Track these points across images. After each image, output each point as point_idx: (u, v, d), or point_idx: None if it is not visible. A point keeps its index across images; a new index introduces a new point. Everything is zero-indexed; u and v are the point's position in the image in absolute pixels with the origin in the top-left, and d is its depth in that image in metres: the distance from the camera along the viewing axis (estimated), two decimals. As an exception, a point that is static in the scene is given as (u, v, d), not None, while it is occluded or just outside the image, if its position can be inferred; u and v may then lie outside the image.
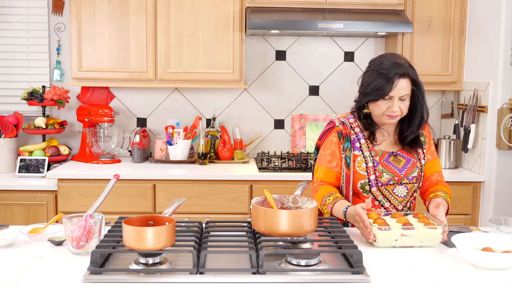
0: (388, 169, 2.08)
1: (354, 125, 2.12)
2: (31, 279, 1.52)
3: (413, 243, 1.84)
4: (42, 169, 3.38)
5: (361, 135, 2.11)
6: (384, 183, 2.07)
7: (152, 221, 1.66)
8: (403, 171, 2.09)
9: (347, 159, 2.08)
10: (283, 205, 1.88)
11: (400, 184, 2.09)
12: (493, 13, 3.23)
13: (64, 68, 3.80)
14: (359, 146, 2.09)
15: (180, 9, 3.43)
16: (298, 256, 1.59)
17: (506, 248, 1.71)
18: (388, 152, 2.10)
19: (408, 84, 2.00)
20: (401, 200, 2.12)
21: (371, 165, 2.06)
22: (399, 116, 2.03)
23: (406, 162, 2.10)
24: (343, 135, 2.10)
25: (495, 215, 3.22)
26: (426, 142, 2.18)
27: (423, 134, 2.18)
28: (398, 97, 1.99)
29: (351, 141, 2.09)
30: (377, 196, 2.09)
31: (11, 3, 3.69)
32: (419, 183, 2.13)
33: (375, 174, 2.06)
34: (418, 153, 2.14)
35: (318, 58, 3.87)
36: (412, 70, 2.03)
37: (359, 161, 2.07)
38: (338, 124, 2.13)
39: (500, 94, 3.20)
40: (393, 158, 2.10)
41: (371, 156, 2.08)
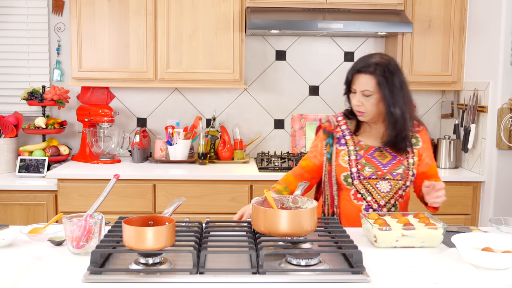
0: (371, 163, 2.10)
1: (342, 123, 2.19)
2: (31, 279, 1.52)
3: (414, 243, 1.84)
4: (42, 169, 3.38)
5: (347, 132, 2.17)
6: (366, 176, 2.10)
7: (152, 221, 1.66)
8: (386, 167, 2.10)
9: (328, 155, 2.14)
10: (283, 205, 1.88)
11: (384, 179, 2.11)
12: (493, 13, 3.23)
13: (64, 68, 3.80)
14: (345, 142, 2.15)
15: (180, 9, 3.43)
16: (298, 256, 1.59)
17: (506, 248, 1.71)
18: (374, 147, 2.13)
19: (370, 81, 2.01)
20: (383, 195, 2.13)
21: (354, 158, 2.11)
22: (366, 113, 2.05)
23: (391, 159, 2.12)
24: (326, 131, 2.18)
25: (495, 215, 3.22)
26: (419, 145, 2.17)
27: (416, 136, 2.18)
28: (360, 91, 2.03)
29: (336, 137, 2.16)
30: (360, 189, 2.12)
31: (11, 3, 3.69)
32: (405, 181, 2.13)
33: (357, 167, 2.09)
34: (407, 152, 2.14)
35: (318, 58, 3.87)
36: (380, 69, 2.00)
37: (342, 154, 2.13)
38: (324, 121, 2.23)
39: (500, 94, 3.20)
40: (379, 154, 2.12)
41: (355, 150, 2.12)
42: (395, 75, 2.02)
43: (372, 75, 2.01)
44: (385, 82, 2.00)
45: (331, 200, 2.18)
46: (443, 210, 3.34)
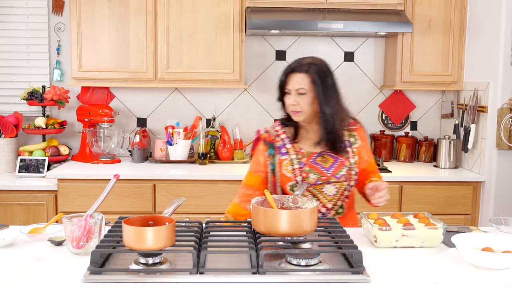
0: (314, 169, 2.10)
1: (280, 132, 2.17)
2: (31, 279, 1.52)
3: (414, 243, 1.84)
4: (42, 169, 3.38)
5: (287, 140, 2.15)
6: (312, 183, 2.09)
7: (152, 221, 1.66)
8: (330, 170, 2.10)
9: (271, 166, 2.13)
10: (283, 205, 1.88)
11: (329, 183, 2.11)
12: (493, 13, 3.23)
13: (64, 68, 3.80)
14: (286, 151, 2.13)
15: (180, 9, 3.43)
16: (298, 256, 1.59)
17: (506, 248, 1.71)
18: (316, 153, 2.13)
19: (305, 79, 2.03)
20: (330, 198, 2.13)
21: (297, 167, 2.10)
22: (302, 113, 2.05)
23: (333, 162, 2.12)
24: (267, 142, 2.15)
25: (495, 215, 3.22)
26: (357, 143, 2.18)
27: (354, 135, 2.19)
28: (295, 90, 2.04)
29: (277, 147, 2.14)
30: (306, 196, 2.11)
31: (11, 3, 3.69)
32: (349, 181, 2.13)
33: (302, 175, 2.09)
34: (347, 152, 2.15)
35: (318, 58, 3.86)
36: (313, 68, 2.05)
37: (285, 164, 2.11)
38: (263, 132, 2.19)
39: (500, 94, 3.20)
40: (321, 159, 2.12)
41: (298, 158, 2.11)
42: (327, 75, 2.07)
43: (307, 73, 2.04)
44: (319, 80, 2.03)
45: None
46: (443, 210, 3.36)
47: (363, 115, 3.93)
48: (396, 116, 3.94)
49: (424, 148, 3.82)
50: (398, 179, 3.34)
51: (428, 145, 3.82)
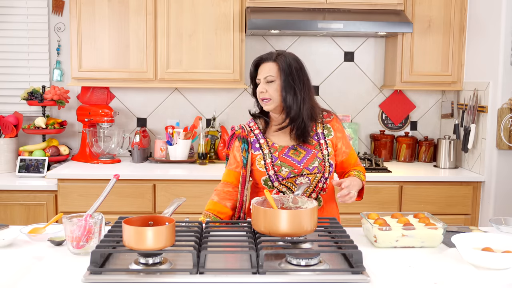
0: (287, 163, 2.11)
1: (254, 128, 2.20)
2: (31, 279, 1.52)
3: (414, 243, 1.84)
4: (42, 169, 3.38)
5: (261, 135, 2.18)
6: (285, 176, 2.10)
7: (152, 221, 1.66)
8: (302, 163, 2.11)
9: (244, 160, 2.16)
10: (283, 205, 1.88)
11: (301, 175, 2.11)
12: (493, 13, 3.23)
13: (64, 68, 3.80)
14: (259, 146, 2.16)
15: (180, 9, 3.43)
16: (298, 256, 1.59)
17: (506, 248, 1.71)
18: (288, 147, 2.14)
19: (273, 68, 2.08)
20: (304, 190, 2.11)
21: (269, 161, 2.12)
22: (271, 101, 2.07)
23: (306, 154, 2.13)
24: (241, 138, 2.19)
25: (495, 215, 3.22)
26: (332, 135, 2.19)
27: (328, 127, 2.19)
28: (263, 78, 2.09)
29: (250, 142, 2.17)
30: (281, 189, 2.12)
31: (11, 3, 3.69)
32: (322, 173, 2.13)
33: (274, 169, 2.10)
34: (321, 144, 2.15)
35: (318, 58, 3.87)
36: (282, 58, 2.09)
37: (258, 159, 2.14)
38: (237, 129, 2.24)
39: (500, 94, 3.20)
40: (293, 152, 2.14)
41: (270, 153, 2.13)
42: (297, 65, 2.11)
43: (275, 62, 2.09)
44: (287, 69, 2.07)
45: (240, 203, 2.18)
46: (443, 210, 3.36)
47: (363, 115, 3.93)
48: (396, 116, 3.94)
49: (424, 148, 3.82)
50: (398, 179, 3.34)
51: (428, 145, 3.82)
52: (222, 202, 2.17)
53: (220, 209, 2.16)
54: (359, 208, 3.28)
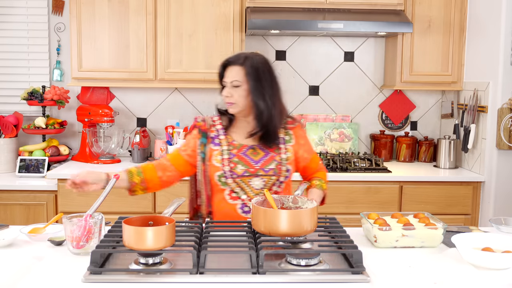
0: (243, 161, 2.10)
1: (217, 122, 2.19)
2: (31, 279, 1.52)
3: (414, 243, 1.84)
4: (42, 169, 3.38)
5: (222, 131, 2.17)
6: (239, 174, 2.09)
7: (152, 221, 1.66)
8: (258, 163, 2.10)
9: (202, 155, 2.14)
10: (283, 205, 1.88)
11: (256, 176, 2.10)
12: (493, 13, 3.23)
13: (64, 68, 3.80)
14: (219, 142, 2.14)
15: (180, 9, 3.42)
16: (298, 256, 1.59)
17: (506, 248, 1.71)
18: (247, 145, 2.13)
19: (239, 72, 2.06)
20: (257, 192, 2.11)
21: (227, 157, 2.10)
22: (236, 105, 2.07)
23: (264, 155, 2.12)
24: (201, 131, 2.17)
25: (495, 215, 3.22)
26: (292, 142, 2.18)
27: (290, 133, 2.20)
28: (230, 82, 2.07)
29: (210, 137, 2.15)
30: (234, 188, 2.10)
31: (11, 3, 3.69)
32: (278, 176, 2.12)
33: (230, 165, 2.09)
34: (280, 148, 2.15)
35: (318, 58, 3.87)
36: (249, 62, 2.06)
37: (215, 154, 2.12)
38: (199, 120, 2.21)
39: (500, 94, 3.20)
40: (252, 151, 2.12)
41: (228, 150, 2.12)
42: (264, 69, 2.08)
43: (241, 66, 2.06)
44: (254, 73, 2.05)
45: (207, 200, 2.17)
46: (443, 210, 3.36)
47: (363, 115, 3.93)
48: (396, 116, 3.94)
49: (424, 148, 3.82)
50: (398, 179, 3.34)
51: (428, 145, 3.82)
52: (156, 167, 2.13)
53: (152, 174, 2.11)
54: (359, 208, 3.29)
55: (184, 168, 2.18)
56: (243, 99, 2.06)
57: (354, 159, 3.54)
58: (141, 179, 2.08)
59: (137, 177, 2.08)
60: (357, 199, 3.32)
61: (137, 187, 2.08)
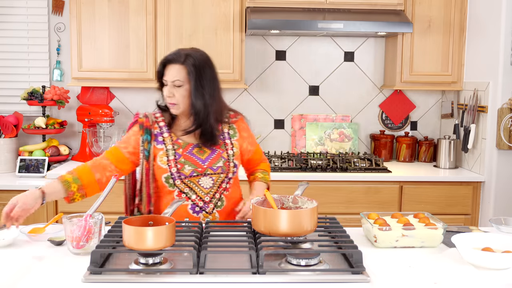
0: (190, 161, 2.06)
1: (160, 119, 2.13)
2: (31, 279, 1.52)
3: (414, 243, 1.84)
4: (42, 169, 3.38)
5: (165, 129, 2.11)
6: (187, 175, 2.05)
7: (152, 221, 1.66)
8: (206, 162, 2.07)
9: (145, 153, 2.07)
10: (283, 205, 1.88)
11: (205, 175, 2.07)
12: (493, 13, 3.23)
13: (64, 68, 3.80)
14: (162, 140, 2.08)
15: (180, 9, 3.42)
16: (298, 256, 1.59)
17: (506, 248, 1.71)
18: (192, 144, 2.09)
19: (181, 72, 2.00)
20: (207, 191, 2.09)
21: (172, 158, 2.05)
22: (178, 105, 2.02)
23: (210, 153, 2.09)
24: (144, 127, 2.09)
25: (495, 215, 3.22)
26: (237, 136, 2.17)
27: (233, 128, 2.18)
28: (171, 82, 2.01)
29: (153, 134, 2.09)
30: (183, 189, 2.07)
31: (11, 3, 3.69)
32: (227, 174, 2.10)
33: (177, 166, 2.05)
34: (226, 144, 2.13)
35: (318, 58, 3.87)
36: (190, 60, 2.01)
37: (160, 155, 2.06)
38: (141, 116, 2.13)
39: (500, 94, 3.20)
40: (197, 150, 2.09)
41: (174, 149, 2.07)
42: (206, 67, 2.04)
43: (183, 65, 2.00)
44: (195, 72, 2.00)
45: (148, 199, 2.10)
46: (443, 210, 3.36)
47: (363, 115, 3.93)
48: (396, 116, 3.94)
49: (424, 148, 3.82)
50: (398, 179, 3.34)
51: (428, 145, 3.82)
52: (93, 170, 2.04)
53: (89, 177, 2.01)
54: (359, 208, 3.29)
55: (125, 166, 2.09)
56: (185, 99, 2.02)
57: (354, 159, 3.54)
58: (78, 186, 1.99)
59: (74, 185, 1.98)
60: (357, 199, 3.32)
61: (75, 195, 2.00)
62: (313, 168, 3.40)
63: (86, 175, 2.02)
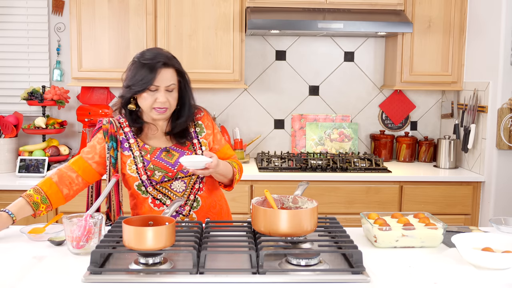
0: (160, 166, 2.01)
1: (124, 125, 2.06)
2: (31, 279, 1.52)
3: (414, 243, 1.84)
4: (42, 169, 3.38)
5: (131, 134, 2.04)
6: (158, 181, 2.01)
7: (152, 221, 1.66)
8: (176, 166, 2.02)
9: (112, 160, 2.01)
10: (283, 205, 1.88)
11: (176, 179, 2.03)
12: (493, 13, 3.23)
13: (64, 68, 3.80)
14: (128, 146, 2.03)
15: (180, 9, 3.42)
16: (298, 256, 1.59)
17: (506, 248, 1.71)
18: (160, 148, 2.04)
19: (173, 75, 1.96)
20: (181, 195, 2.05)
21: (141, 165, 2.00)
22: (169, 109, 1.97)
23: (179, 156, 2.04)
24: (108, 134, 2.02)
25: (495, 215, 3.22)
26: (204, 132, 2.13)
27: (199, 124, 2.13)
28: (165, 87, 1.94)
29: (119, 140, 2.03)
30: (156, 195, 2.03)
31: (11, 3, 3.69)
32: (198, 175, 2.03)
33: (147, 174, 2.00)
34: (194, 144, 2.09)
35: (318, 58, 3.87)
36: (176, 61, 2.00)
37: (129, 163, 2.01)
38: (105, 122, 2.05)
39: (500, 94, 3.20)
40: (166, 154, 2.03)
41: (141, 156, 2.01)
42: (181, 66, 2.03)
43: (173, 68, 1.97)
44: (183, 74, 2.00)
45: (117, 207, 2.07)
46: (443, 210, 3.36)
47: (363, 115, 3.93)
48: (396, 116, 3.94)
49: (424, 148, 3.82)
50: (398, 179, 3.34)
51: (428, 145, 3.82)
52: (60, 186, 1.99)
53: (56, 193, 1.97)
54: (359, 208, 3.29)
55: (91, 178, 2.05)
56: (175, 102, 1.99)
57: (354, 159, 3.54)
58: (46, 206, 1.95)
59: (42, 205, 1.94)
60: (357, 199, 3.32)
61: (42, 213, 1.95)
62: (313, 168, 3.40)
63: (55, 193, 1.98)
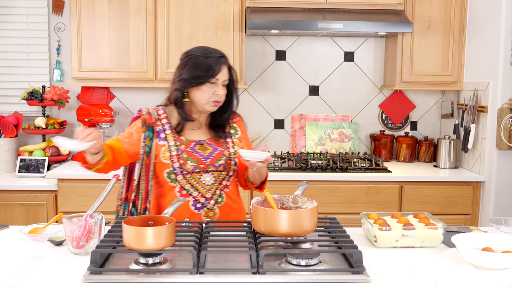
0: (193, 157, 2.08)
1: (162, 117, 2.14)
2: (31, 279, 1.52)
3: (414, 243, 1.84)
4: (42, 169, 3.38)
5: (168, 126, 2.13)
6: (189, 171, 2.07)
7: (152, 221, 1.66)
8: (208, 159, 2.09)
9: (147, 149, 2.08)
10: (283, 205, 1.88)
11: (206, 172, 2.09)
12: (493, 13, 3.23)
13: (64, 68, 3.80)
14: (164, 137, 2.10)
15: (180, 9, 3.43)
16: (298, 256, 1.59)
17: (506, 248, 1.71)
18: (195, 141, 2.11)
19: (227, 72, 2.09)
20: (208, 188, 2.10)
21: (175, 153, 2.07)
22: (221, 102, 2.10)
23: (213, 150, 2.12)
24: (146, 124, 2.11)
25: (495, 215, 3.22)
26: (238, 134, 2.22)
27: (234, 127, 2.24)
28: (222, 81, 2.07)
29: (156, 131, 2.11)
30: (184, 185, 2.08)
31: (11, 3, 3.69)
32: (228, 171, 2.13)
33: (179, 162, 2.06)
34: (227, 142, 2.16)
35: (318, 58, 3.87)
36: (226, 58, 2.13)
37: (163, 151, 2.08)
38: (144, 113, 2.15)
39: (500, 94, 3.20)
40: (200, 147, 2.11)
41: (176, 145, 2.09)
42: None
43: (227, 65, 2.10)
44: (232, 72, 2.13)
45: (146, 195, 2.12)
46: (443, 210, 3.36)
47: (363, 115, 3.93)
48: (396, 116, 3.94)
49: (424, 148, 3.82)
50: (398, 179, 3.34)
51: (428, 145, 3.82)
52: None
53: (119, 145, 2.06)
54: (359, 208, 3.29)
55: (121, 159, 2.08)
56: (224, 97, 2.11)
57: (354, 159, 3.54)
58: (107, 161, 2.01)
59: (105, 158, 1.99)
60: (357, 199, 3.32)
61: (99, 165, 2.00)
62: (313, 168, 3.40)
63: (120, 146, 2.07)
